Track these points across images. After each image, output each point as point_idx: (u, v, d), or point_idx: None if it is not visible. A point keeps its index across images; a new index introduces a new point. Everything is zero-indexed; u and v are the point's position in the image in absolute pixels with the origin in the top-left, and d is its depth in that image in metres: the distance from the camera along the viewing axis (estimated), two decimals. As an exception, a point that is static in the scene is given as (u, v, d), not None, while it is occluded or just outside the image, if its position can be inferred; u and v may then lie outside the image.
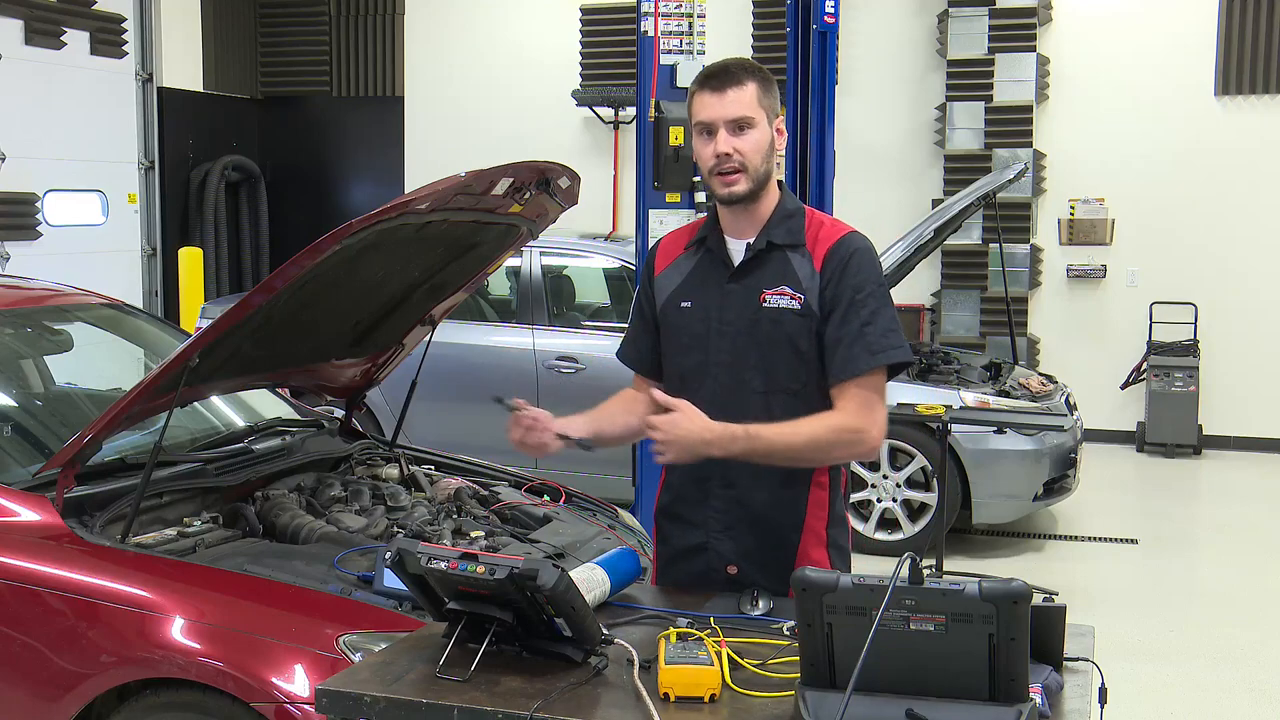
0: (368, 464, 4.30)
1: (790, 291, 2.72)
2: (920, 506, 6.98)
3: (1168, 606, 6.31)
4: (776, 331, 2.73)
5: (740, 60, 2.79)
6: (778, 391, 2.74)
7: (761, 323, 2.74)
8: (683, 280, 2.85)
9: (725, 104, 2.70)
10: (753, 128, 2.71)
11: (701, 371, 2.79)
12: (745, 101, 2.70)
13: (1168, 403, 9.76)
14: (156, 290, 10.76)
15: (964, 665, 1.99)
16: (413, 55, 11.70)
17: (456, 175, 3.22)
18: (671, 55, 5.64)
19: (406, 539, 2.39)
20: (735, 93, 2.70)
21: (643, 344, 2.94)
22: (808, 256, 2.75)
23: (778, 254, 2.76)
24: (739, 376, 2.76)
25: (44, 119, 9.55)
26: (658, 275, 2.90)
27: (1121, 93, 10.02)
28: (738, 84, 2.71)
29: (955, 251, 10.15)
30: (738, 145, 2.70)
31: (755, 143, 2.71)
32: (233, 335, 3.39)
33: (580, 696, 2.20)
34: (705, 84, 2.74)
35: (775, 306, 2.73)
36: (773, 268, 2.76)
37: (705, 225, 2.88)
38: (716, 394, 2.75)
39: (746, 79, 2.72)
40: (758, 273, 2.77)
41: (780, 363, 2.73)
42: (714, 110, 2.71)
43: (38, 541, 3.28)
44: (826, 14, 5.96)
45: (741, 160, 2.70)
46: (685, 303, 2.83)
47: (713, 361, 2.78)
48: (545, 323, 7.55)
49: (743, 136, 2.70)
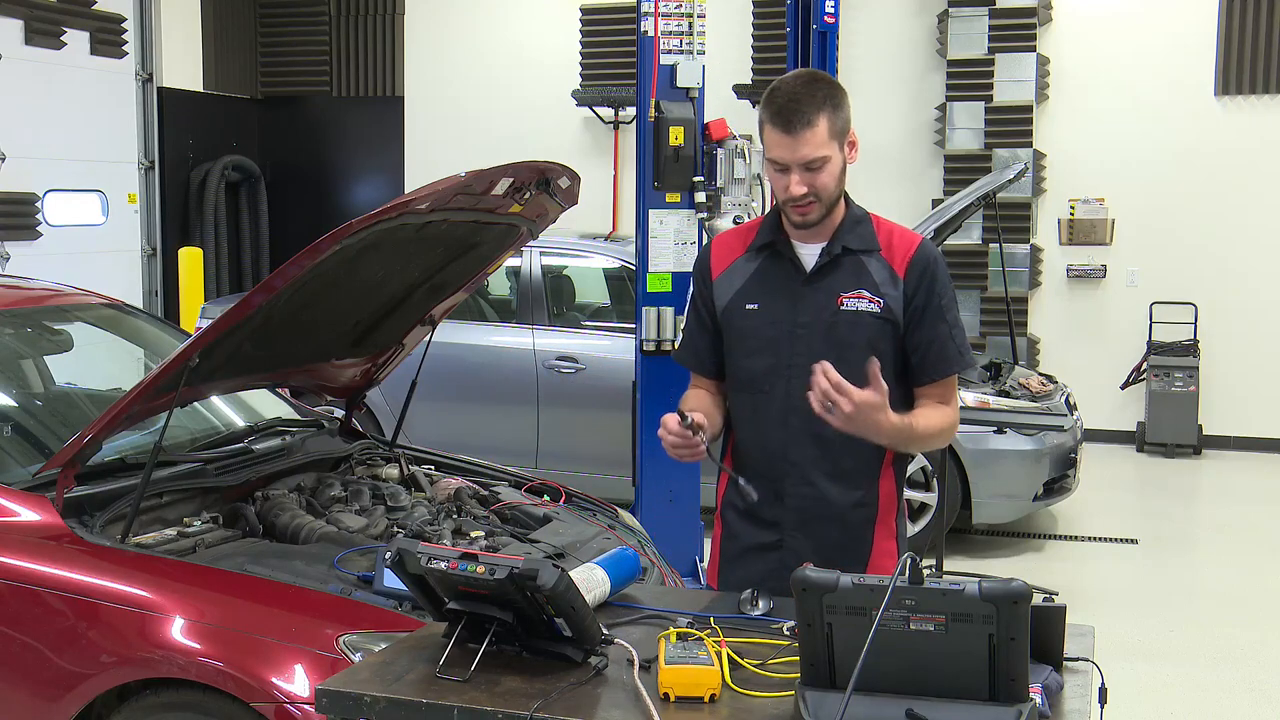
0: (368, 464, 4.30)
1: (869, 295, 2.76)
2: (920, 506, 6.98)
3: (1168, 606, 6.31)
4: (855, 334, 2.75)
5: (810, 89, 2.69)
6: None
7: (839, 325, 2.76)
8: (746, 282, 2.84)
9: (797, 147, 2.66)
10: (827, 162, 2.69)
11: (774, 374, 2.80)
12: (818, 141, 2.66)
13: (1168, 403, 9.76)
14: (156, 290, 10.76)
15: (964, 665, 1.99)
16: (413, 55, 11.70)
17: (456, 175, 3.23)
18: (671, 55, 5.64)
19: (406, 539, 2.40)
20: (808, 134, 2.65)
21: (701, 346, 2.94)
22: (884, 262, 2.79)
23: (851, 259, 2.79)
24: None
25: (44, 119, 9.55)
26: (715, 278, 2.88)
27: (1121, 93, 10.02)
28: (808, 125, 2.65)
29: (955, 251, 10.14)
30: (813, 183, 2.70)
31: (829, 176, 2.71)
32: (233, 335, 3.39)
33: (580, 696, 2.20)
34: (776, 120, 2.68)
35: (854, 310, 2.76)
36: (848, 272, 2.79)
37: (766, 229, 2.86)
38: (790, 396, 2.77)
39: (817, 117, 2.66)
40: (833, 276, 2.79)
41: (857, 364, 2.67)
42: (786, 153, 2.68)
43: (38, 541, 3.28)
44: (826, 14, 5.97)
45: (816, 195, 2.71)
46: (751, 305, 2.82)
47: (786, 364, 2.79)
48: (545, 323, 7.54)
49: (817, 174, 2.69)
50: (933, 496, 6.84)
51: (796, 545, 2.81)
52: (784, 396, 2.78)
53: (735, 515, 2.90)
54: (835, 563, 2.67)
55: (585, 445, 7.25)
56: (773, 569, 2.82)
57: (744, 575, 2.85)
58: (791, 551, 2.80)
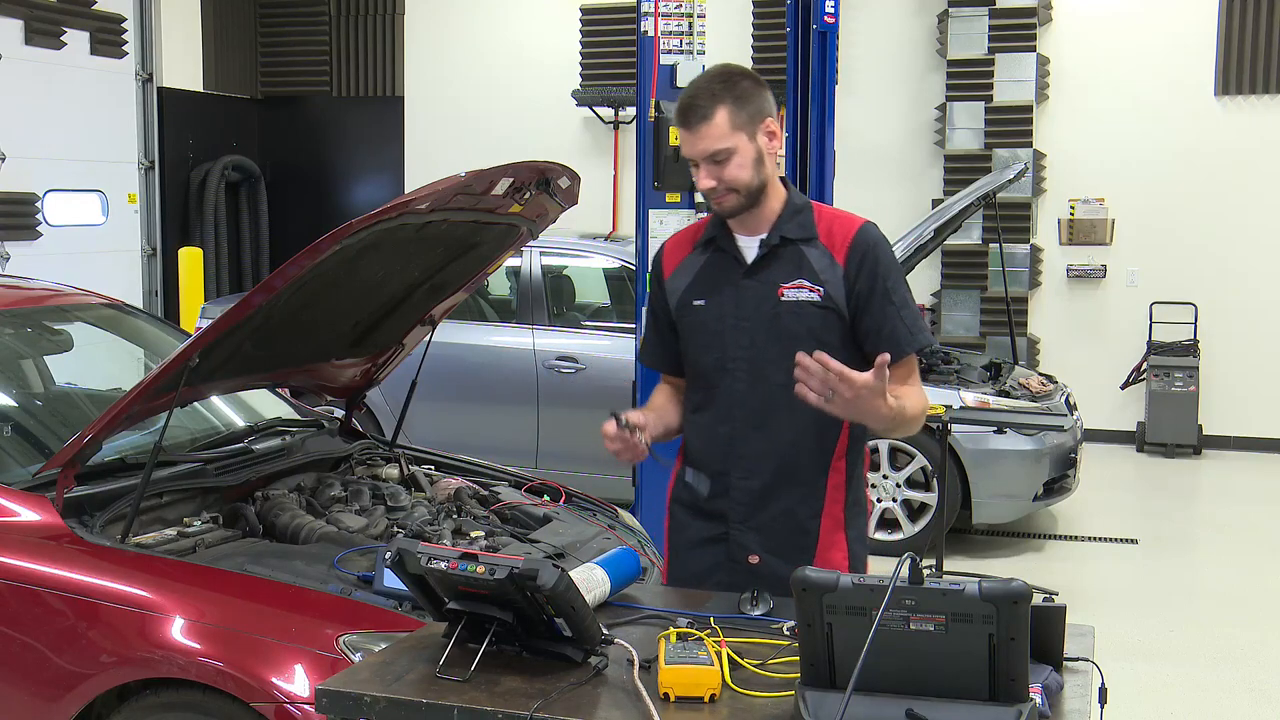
0: (368, 464, 4.30)
1: (809, 284, 2.77)
2: (920, 506, 6.98)
3: (1168, 606, 6.31)
4: (798, 325, 2.76)
5: (708, 85, 2.73)
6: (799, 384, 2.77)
7: (781, 317, 2.78)
8: (693, 279, 2.88)
9: (698, 141, 2.71)
10: (733, 154, 2.72)
11: (720, 368, 2.83)
12: (716, 134, 2.70)
13: (1168, 403, 9.76)
14: (156, 290, 10.76)
15: (964, 665, 1.99)
16: (413, 55, 11.70)
17: (456, 175, 3.22)
18: (671, 55, 5.64)
19: (406, 539, 2.39)
20: (705, 128, 2.70)
21: (660, 346, 2.99)
22: (823, 249, 2.79)
23: (791, 248, 2.80)
24: (758, 372, 2.79)
25: (44, 119, 9.55)
26: (668, 278, 2.93)
27: (1121, 93, 10.02)
28: (705, 119, 2.70)
29: (955, 251, 10.15)
30: (720, 175, 2.73)
31: (737, 167, 2.72)
32: (233, 335, 3.39)
33: (580, 696, 2.20)
34: (677, 118, 2.76)
35: (795, 300, 2.77)
36: (788, 262, 2.80)
37: (711, 225, 2.90)
38: (737, 389, 2.81)
39: (714, 109, 2.70)
40: (773, 267, 2.80)
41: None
42: (690, 148, 2.74)
43: (38, 541, 3.28)
44: (826, 14, 5.96)
45: (727, 185, 2.74)
46: (699, 300, 2.86)
47: (730, 357, 2.81)
48: (545, 323, 7.54)
49: (723, 166, 2.72)
50: (933, 496, 6.85)
51: (742, 538, 2.83)
52: (729, 390, 2.81)
53: (682, 509, 2.94)
54: (781, 555, 2.75)
55: (585, 445, 7.23)
56: (719, 561, 2.86)
57: (693, 569, 2.89)
58: (738, 544, 2.84)
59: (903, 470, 6.96)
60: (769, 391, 2.78)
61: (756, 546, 2.82)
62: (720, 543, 2.86)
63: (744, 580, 2.75)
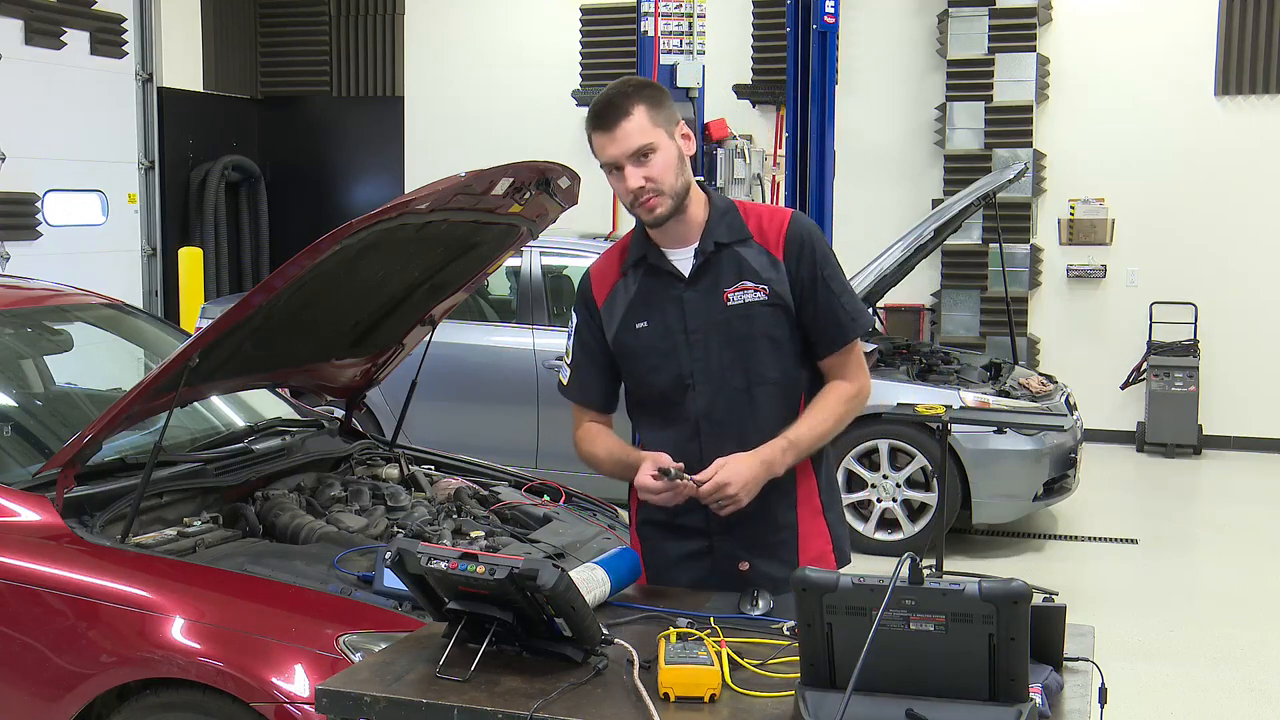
0: (368, 464, 4.29)
1: (752, 285, 2.76)
2: (920, 506, 6.98)
3: (1168, 606, 6.31)
4: (748, 326, 2.76)
5: (621, 87, 2.73)
6: (759, 385, 2.78)
7: (731, 321, 2.77)
8: (630, 302, 2.83)
9: (620, 140, 2.68)
10: (655, 151, 2.69)
11: (680, 384, 2.80)
12: (637, 131, 2.68)
13: (1168, 403, 9.76)
14: (156, 290, 10.76)
15: (964, 665, 1.99)
16: (413, 55, 11.70)
17: (456, 175, 3.22)
18: (671, 55, 5.66)
19: (406, 539, 2.40)
20: (625, 125, 2.67)
21: (590, 379, 2.92)
22: (758, 247, 2.79)
23: (727, 252, 2.79)
24: (719, 379, 2.78)
25: (44, 119, 9.55)
26: (601, 307, 2.88)
27: (1121, 93, 10.02)
28: (624, 115, 2.68)
29: (955, 251, 10.15)
30: (647, 174, 2.69)
31: (663, 164, 2.70)
32: (233, 335, 3.39)
33: (580, 696, 2.20)
34: (595, 124, 2.72)
35: (742, 302, 2.76)
36: (726, 266, 2.78)
37: (635, 245, 2.86)
38: (699, 402, 2.79)
39: (631, 106, 2.68)
40: (711, 275, 2.78)
41: (757, 356, 2.76)
42: (612, 149, 2.69)
43: (38, 541, 3.28)
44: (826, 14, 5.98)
45: (655, 186, 2.70)
46: (641, 323, 2.82)
47: (688, 371, 2.79)
48: (545, 323, 7.54)
49: (649, 164, 2.69)
50: (933, 496, 6.85)
51: (726, 547, 2.82)
52: (693, 405, 2.79)
53: (655, 530, 2.88)
54: (767, 554, 2.78)
55: (585, 445, 7.24)
56: (705, 574, 2.83)
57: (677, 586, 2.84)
58: (723, 554, 2.82)
59: (903, 470, 6.96)
60: (731, 398, 2.78)
61: (744, 553, 2.81)
62: (704, 556, 2.83)
63: (736, 588, 2.74)
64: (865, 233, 9.26)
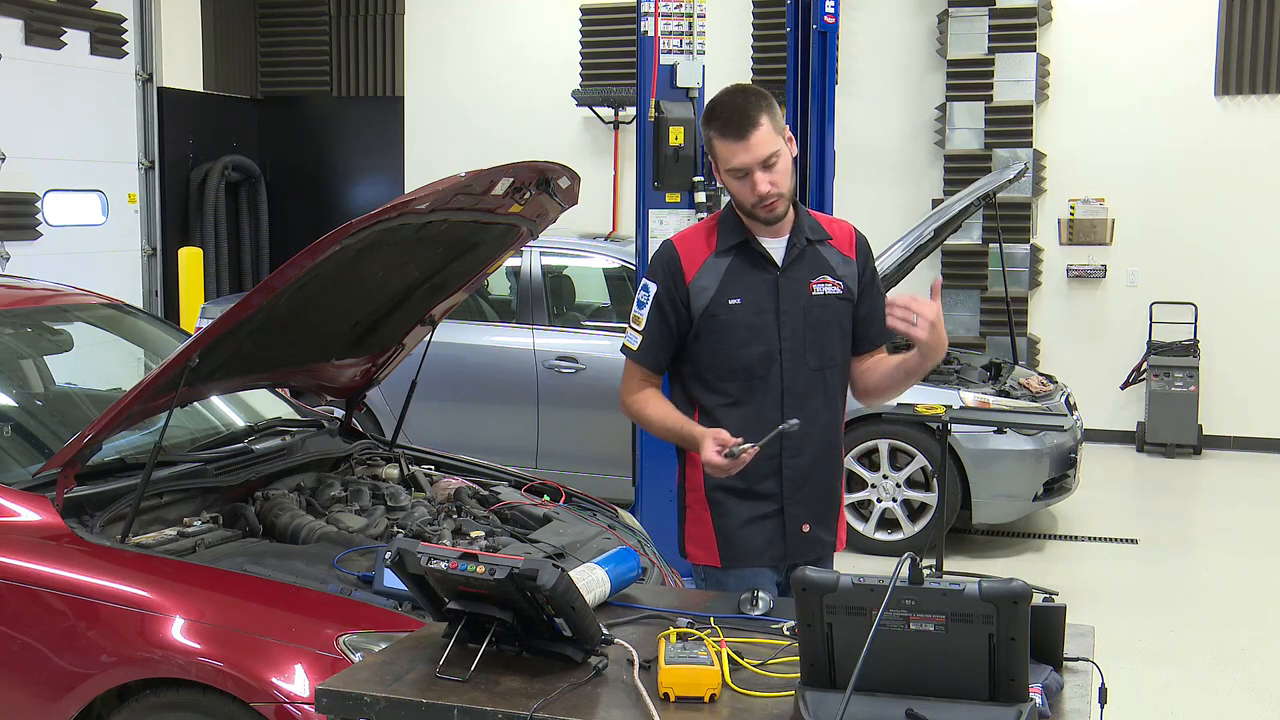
0: (368, 464, 4.30)
1: (832, 279, 3.10)
2: (920, 506, 6.98)
3: (1168, 606, 6.31)
4: (826, 315, 3.10)
5: (746, 97, 2.96)
6: (830, 367, 3.12)
7: (814, 309, 3.08)
8: (723, 280, 3.07)
9: (752, 149, 2.93)
10: (779, 158, 2.96)
11: (769, 359, 3.07)
12: (766, 140, 2.93)
13: (1168, 403, 9.76)
14: (156, 290, 10.76)
15: (964, 665, 1.99)
16: (413, 55, 11.70)
17: (456, 175, 3.23)
18: (671, 55, 5.64)
19: (406, 539, 2.40)
20: (756, 135, 2.92)
21: (662, 347, 3.12)
22: (833, 248, 3.14)
23: (811, 249, 3.11)
24: (800, 358, 3.08)
25: (44, 119, 9.55)
26: (691, 280, 3.07)
27: (1121, 93, 10.02)
28: (754, 125, 2.92)
29: (955, 251, 10.15)
30: (774, 180, 2.96)
31: (784, 170, 2.98)
32: (233, 335, 3.39)
33: (580, 696, 2.20)
34: (724, 132, 2.95)
35: (823, 294, 3.09)
36: (811, 261, 3.10)
37: (730, 230, 3.09)
38: (782, 377, 3.07)
39: (760, 116, 2.93)
40: (800, 266, 3.09)
41: (830, 342, 3.11)
42: (744, 156, 2.93)
43: (38, 541, 3.28)
44: (826, 14, 5.97)
45: (778, 190, 2.98)
46: (734, 300, 3.05)
47: (778, 349, 3.07)
48: (545, 323, 7.54)
49: (775, 170, 2.96)
50: (933, 496, 6.85)
51: (794, 510, 3.12)
52: (779, 378, 3.07)
53: (727, 494, 3.11)
54: (822, 520, 3.19)
55: (585, 445, 7.25)
56: (772, 535, 3.12)
57: (748, 546, 3.11)
58: (792, 516, 3.12)
59: (903, 470, 6.96)
60: (808, 377, 3.09)
61: (807, 516, 3.12)
62: (773, 518, 3.10)
63: (795, 548, 3.09)
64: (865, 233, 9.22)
